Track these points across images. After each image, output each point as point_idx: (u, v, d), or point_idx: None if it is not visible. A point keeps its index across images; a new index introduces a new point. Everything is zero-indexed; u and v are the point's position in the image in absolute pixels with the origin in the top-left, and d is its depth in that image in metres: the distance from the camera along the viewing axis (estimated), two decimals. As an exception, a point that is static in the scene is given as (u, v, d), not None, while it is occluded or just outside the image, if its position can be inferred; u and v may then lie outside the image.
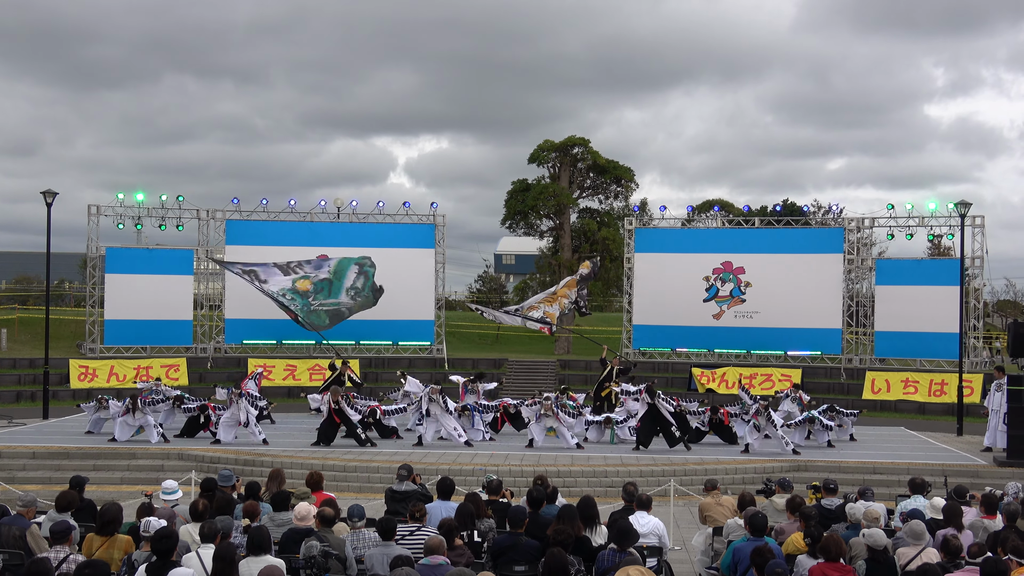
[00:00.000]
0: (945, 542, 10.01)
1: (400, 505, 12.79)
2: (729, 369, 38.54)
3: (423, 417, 25.38)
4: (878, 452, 25.55)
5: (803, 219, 43.32)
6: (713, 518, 13.06)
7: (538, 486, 12.17)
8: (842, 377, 38.98)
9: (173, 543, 8.93)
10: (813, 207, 60.91)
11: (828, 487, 13.24)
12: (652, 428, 25.11)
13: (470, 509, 11.08)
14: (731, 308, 40.07)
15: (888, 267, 39.53)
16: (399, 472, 13.75)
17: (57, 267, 50.42)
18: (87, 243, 39.74)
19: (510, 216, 51.74)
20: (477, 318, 45.70)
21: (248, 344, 40.15)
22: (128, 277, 38.75)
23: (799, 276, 39.12)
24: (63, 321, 45.63)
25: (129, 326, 38.85)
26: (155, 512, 10.68)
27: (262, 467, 21.83)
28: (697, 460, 23.62)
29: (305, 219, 40.80)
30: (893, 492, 18.32)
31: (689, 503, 20.02)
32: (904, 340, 38.15)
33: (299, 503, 11.10)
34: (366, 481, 21.85)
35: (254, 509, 11.00)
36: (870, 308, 40.29)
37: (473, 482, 19.45)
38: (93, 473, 21.83)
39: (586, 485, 21.16)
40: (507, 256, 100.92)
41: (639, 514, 11.54)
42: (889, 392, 37.14)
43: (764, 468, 22.68)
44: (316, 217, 40.95)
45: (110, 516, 10.04)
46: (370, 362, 40.22)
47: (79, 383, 36.61)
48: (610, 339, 43.88)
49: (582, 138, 50.48)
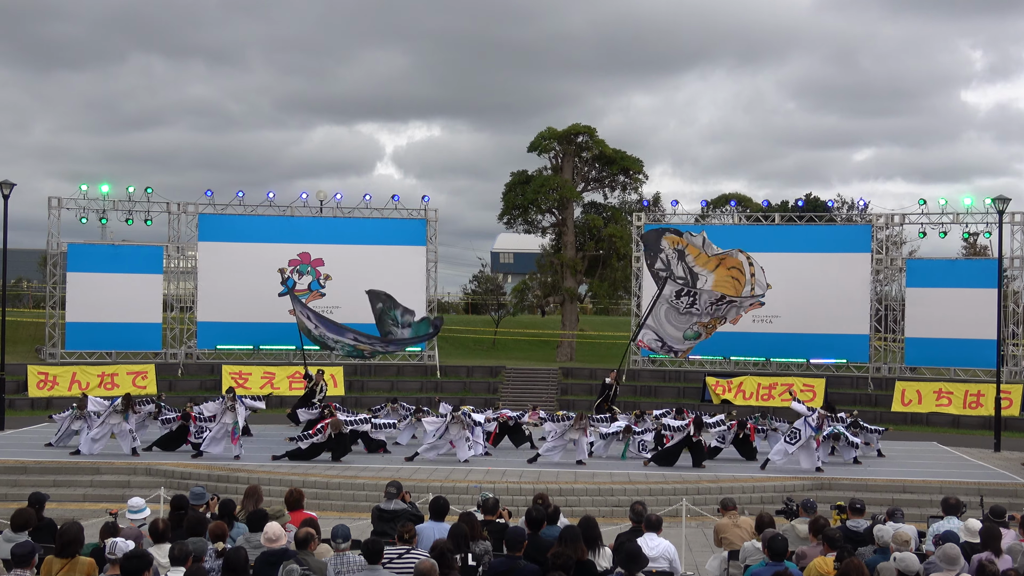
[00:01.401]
0: (981, 567, 9.99)
1: (388, 525, 12.77)
2: (746, 378, 38.59)
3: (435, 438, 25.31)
4: (908, 469, 25.57)
5: (827, 215, 43.32)
6: (729, 540, 13.05)
7: (538, 505, 12.15)
8: (869, 387, 39.01)
9: (146, 564, 8.90)
10: (838, 202, 60.89)
11: (854, 507, 13.22)
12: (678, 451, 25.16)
13: (464, 530, 11.06)
14: (749, 312, 39.97)
15: (919, 268, 39.58)
16: (387, 489, 13.74)
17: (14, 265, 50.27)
18: (47, 239, 39.76)
19: (508, 211, 51.71)
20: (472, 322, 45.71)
21: (222, 349, 40.16)
22: (92, 276, 38.78)
23: (823, 277, 39.17)
24: (21, 324, 45.58)
25: (93, 329, 38.85)
26: (120, 532, 10.65)
27: (237, 483, 21.85)
28: (711, 478, 23.62)
29: (285, 213, 40.85)
30: (925, 513, 18.31)
31: (703, 524, 20.02)
32: (937, 347, 38.20)
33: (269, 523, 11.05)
34: (351, 499, 21.87)
35: (221, 530, 10.93)
36: (900, 312, 40.34)
37: (467, 500, 19.45)
38: (53, 489, 21.82)
39: (590, 504, 21.19)
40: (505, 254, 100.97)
41: (648, 536, 11.52)
42: (920, 404, 37.17)
43: (784, 486, 22.70)
44: (297, 211, 41.00)
45: (71, 536, 9.99)
46: (355, 370, 40.25)
47: (38, 391, 36.58)
48: (616, 345, 43.92)
49: (587, 126, 50.49)
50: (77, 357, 38.93)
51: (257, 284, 38.90)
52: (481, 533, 11.55)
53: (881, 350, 40.74)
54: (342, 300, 39.75)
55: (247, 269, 39.27)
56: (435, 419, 26.23)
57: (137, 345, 39.47)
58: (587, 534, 10.71)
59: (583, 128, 50.42)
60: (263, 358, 39.87)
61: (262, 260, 39.20)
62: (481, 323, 58.55)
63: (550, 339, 53.02)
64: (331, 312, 39.66)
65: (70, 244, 39.50)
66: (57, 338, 39.12)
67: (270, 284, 38.60)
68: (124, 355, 39.35)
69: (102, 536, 10.81)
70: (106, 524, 11.38)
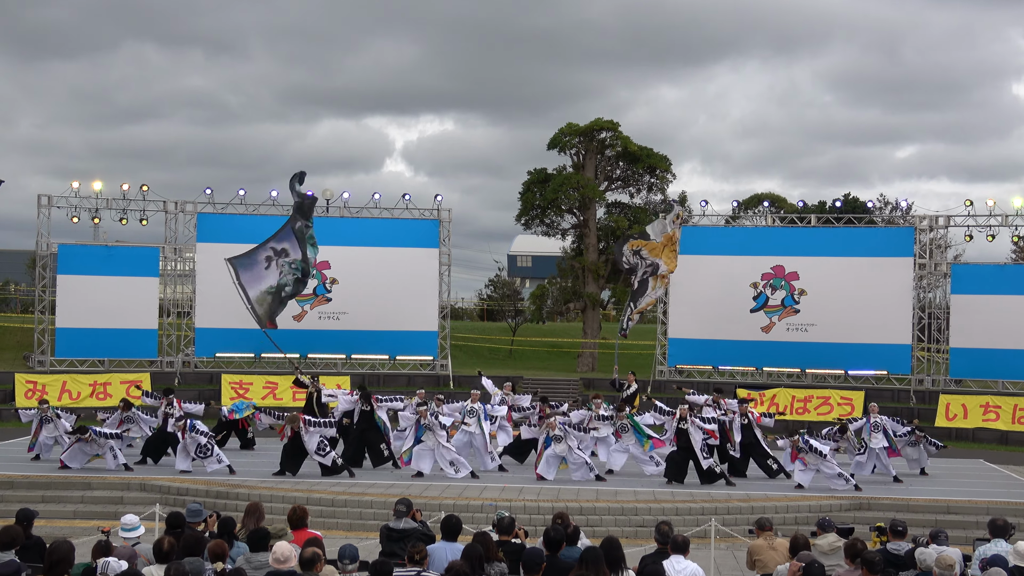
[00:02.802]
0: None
1: (397, 546, 12.79)
2: (780, 391, 38.49)
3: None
4: (953, 488, 25.46)
5: (867, 217, 43.21)
6: (763, 563, 13.02)
7: (557, 525, 12.14)
8: (912, 401, 38.89)
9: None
10: (878, 203, 60.75)
11: (895, 529, 13.18)
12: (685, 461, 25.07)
13: (479, 551, 11.05)
14: (783, 320, 40.02)
15: (966, 273, 39.45)
16: (397, 507, 13.74)
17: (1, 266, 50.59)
18: (36, 239, 39.92)
19: (526, 211, 51.79)
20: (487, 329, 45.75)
21: (222, 357, 40.26)
22: (84, 279, 38.86)
23: (862, 283, 39.03)
24: (8, 329, 45.83)
25: (84, 335, 38.96)
26: (113, 551, 10.67)
27: (237, 500, 21.88)
28: (742, 496, 23.56)
29: (289, 213, 40.80)
30: (970, 535, 18.26)
31: (733, 546, 19.98)
32: (984, 358, 38.04)
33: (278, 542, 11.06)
34: (358, 517, 21.86)
35: (221, 549, 10.95)
36: (944, 321, 40.21)
37: (482, 519, 19.46)
38: (42, 506, 21.84)
39: (612, 524, 21.14)
40: (522, 257, 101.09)
41: (674, 558, 11.51)
42: (966, 419, 37.03)
43: (820, 506, 22.61)
44: (302, 211, 40.99)
45: (60, 555, 10.01)
46: (364, 379, 40.20)
47: (26, 401, 36.56)
48: (642, 355, 43.89)
49: (610, 121, 50.47)
50: (68, 365, 39.04)
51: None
52: (496, 554, 11.54)
53: (924, 361, 40.59)
54: (349, 306, 39.85)
55: (249, 272, 39.29)
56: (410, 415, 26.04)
57: (132, 352, 39.57)
58: (609, 556, 10.70)
59: (606, 123, 50.38)
60: (265, 367, 39.93)
61: (265, 262, 39.28)
62: (497, 331, 58.59)
63: (570, 348, 53.03)
64: (337, 319, 39.84)
65: (60, 245, 39.64)
66: (46, 345, 39.25)
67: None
68: (118, 363, 39.44)
69: (94, 556, 10.81)
70: (98, 543, 11.35)
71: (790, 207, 50.99)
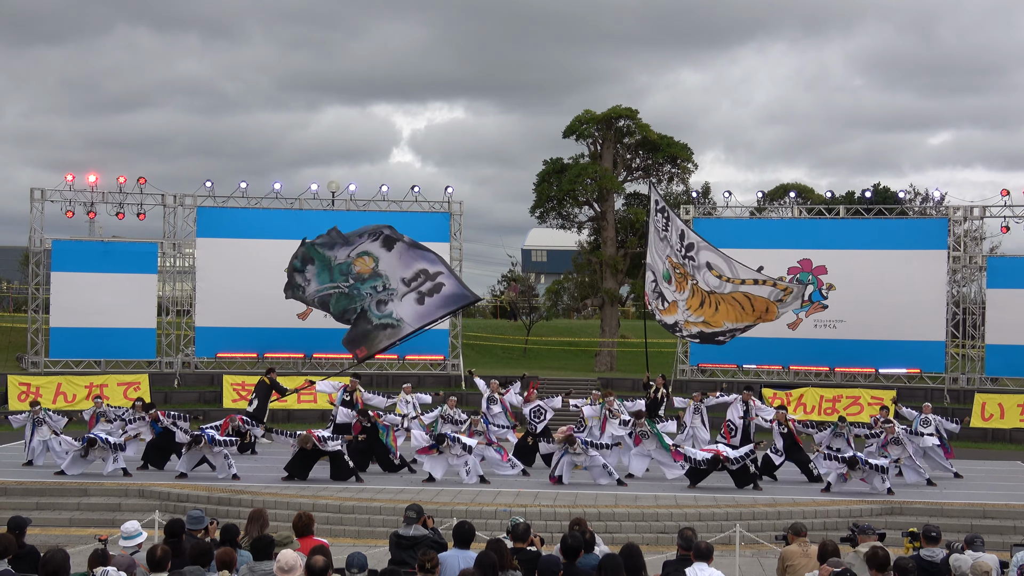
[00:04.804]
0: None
1: (407, 553, 12.80)
2: (807, 390, 38.46)
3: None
4: (989, 492, 25.41)
5: (898, 207, 43.12)
6: (795, 568, 13.00)
7: (574, 531, 12.15)
8: (946, 400, 38.79)
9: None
10: (910, 193, 60.72)
11: (928, 535, 13.15)
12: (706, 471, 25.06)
13: (492, 559, 11.05)
14: (810, 316, 39.97)
15: (1002, 266, 39.39)
16: (407, 514, 13.76)
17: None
18: (29, 234, 40.06)
19: (541, 203, 51.74)
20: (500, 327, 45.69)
21: (224, 357, 40.29)
22: (79, 276, 38.98)
23: (893, 277, 38.98)
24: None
25: (80, 335, 39.07)
26: (111, 560, 10.69)
27: (240, 506, 21.92)
28: (768, 501, 23.51)
29: (293, 206, 40.93)
30: (1008, 541, 18.23)
31: (758, 553, 19.97)
32: (1022, 356, 37.96)
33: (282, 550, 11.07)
34: (366, 524, 21.89)
35: (230, 558, 10.98)
36: (980, 317, 40.11)
37: (495, 526, 19.45)
38: (36, 513, 21.85)
39: (632, 530, 21.13)
40: (537, 252, 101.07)
41: (698, 566, 11.50)
42: (1003, 419, 36.96)
43: (851, 511, 22.58)
44: (306, 204, 41.09)
45: (55, 565, 10.04)
46: (371, 380, 40.26)
47: (19, 404, 36.61)
48: (663, 352, 43.84)
49: (629, 108, 50.41)
50: (63, 366, 39.13)
51: (262, 285, 38.76)
52: (511, 562, 11.54)
53: (959, 358, 40.51)
54: (356, 303, 39.85)
55: (251, 268, 39.21)
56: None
57: (129, 353, 39.66)
58: (629, 563, 10.71)
59: (624, 111, 50.31)
60: (268, 367, 39.90)
61: (268, 258, 39.07)
62: (511, 329, 58.64)
63: (588, 347, 53.03)
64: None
65: (54, 240, 39.72)
66: (40, 345, 39.34)
67: (276, 285, 38.49)
68: (114, 364, 39.52)
69: (91, 565, 10.84)
70: (95, 551, 11.36)
71: (817, 198, 50.89)
